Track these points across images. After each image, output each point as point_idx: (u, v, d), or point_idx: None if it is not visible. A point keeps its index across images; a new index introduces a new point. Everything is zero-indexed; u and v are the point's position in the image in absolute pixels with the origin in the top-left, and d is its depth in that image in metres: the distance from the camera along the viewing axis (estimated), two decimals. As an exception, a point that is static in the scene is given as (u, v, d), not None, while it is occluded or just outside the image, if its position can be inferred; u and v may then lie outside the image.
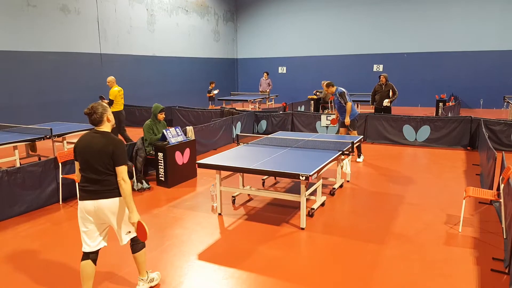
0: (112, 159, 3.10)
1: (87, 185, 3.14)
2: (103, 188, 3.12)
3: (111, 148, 3.10)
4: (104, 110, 3.23)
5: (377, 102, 10.39)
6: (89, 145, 3.15)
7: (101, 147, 3.10)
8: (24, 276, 3.82)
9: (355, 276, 3.73)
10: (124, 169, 3.12)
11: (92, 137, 3.19)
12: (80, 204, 3.17)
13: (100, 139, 3.15)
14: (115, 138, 3.19)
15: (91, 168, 3.12)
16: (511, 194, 4.06)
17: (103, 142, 3.12)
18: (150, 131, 6.75)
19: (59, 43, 12.33)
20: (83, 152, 3.16)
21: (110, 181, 3.13)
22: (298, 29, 19.88)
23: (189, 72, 18.19)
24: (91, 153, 3.12)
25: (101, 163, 3.10)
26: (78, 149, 3.21)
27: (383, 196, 6.03)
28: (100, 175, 3.11)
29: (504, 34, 16.00)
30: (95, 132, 3.23)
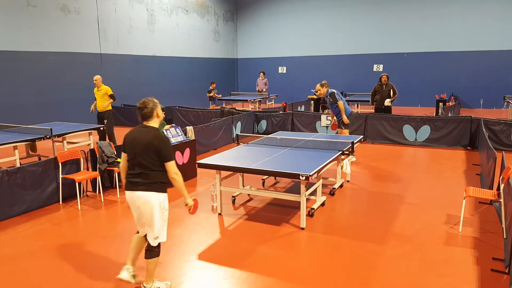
0: (159, 156, 3.24)
1: (130, 176, 3.31)
2: (144, 181, 3.26)
3: (156, 144, 3.22)
4: (155, 106, 3.35)
5: (377, 102, 10.38)
6: (137, 139, 3.28)
7: (147, 142, 3.22)
8: (24, 276, 3.82)
9: (355, 276, 3.73)
10: (172, 164, 3.28)
11: (140, 132, 3.31)
12: (125, 193, 3.36)
13: (147, 134, 3.27)
14: (161, 135, 3.30)
15: (136, 161, 3.27)
16: (511, 194, 4.06)
17: (149, 138, 3.24)
18: None
19: (59, 43, 12.33)
20: (131, 145, 3.30)
21: (151, 175, 3.26)
22: (298, 29, 19.88)
23: (189, 72, 18.18)
24: (138, 147, 3.25)
25: (146, 157, 3.23)
26: (126, 141, 3.36)
27: (383, 196, 6.03)
28: (143, 169, 3.25)
29: (504, 34, 16.00)
30: (143, 126, 3.34)
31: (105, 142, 6.44)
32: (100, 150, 6.28)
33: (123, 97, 14.68)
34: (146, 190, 3.26)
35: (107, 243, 4.51)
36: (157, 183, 3.28)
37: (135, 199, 3.30)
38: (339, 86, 18.35)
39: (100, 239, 4.63)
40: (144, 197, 3.26)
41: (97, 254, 4.26)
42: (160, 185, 3.31)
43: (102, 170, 6.27)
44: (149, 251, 3.40)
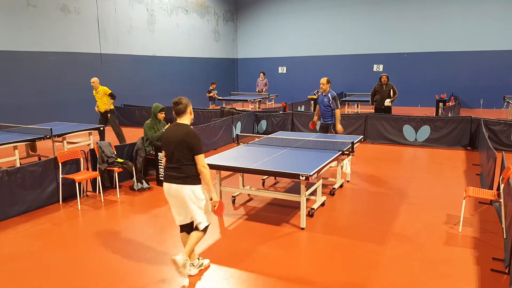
0: (191, 151, 3.53)
1: (168, 170, 3.64)
2: (179, 175, 3.57)
3: (188, 140, 3.52)
4: (188, 103, 3.68)
5: (377, 102, 10.38)
6: (172, 137, 3.59)
7: (181, 139, 3.53)
8: (24, 276, 3.82)
9: (355, 276, 3.73)
10: (202, 157, 3.56)
11: (174, 130, 3.63)
12: (163, 184, 3.68)
13: (180, 131, 3.57)
14: (192, 131, 3.58)
15: (172, 156, 3.59)
16: (511, 194, 4.06)
17: (182, 135, 3.54)
18: (152, 129, 6.74)
19: (59, 43, 12.33)
20: (167, 142, 3.63)
21: (184, 169, 3.56)
22: (298, 29, 19.88)
23: (189, 72, 18.18)
24: (173, 144, 3.57)
25: (179, 153, 3.54)
26: (163, 140, 3.70)
27: (383, 196, 6.03)
28: (177, 163, 3.57)
29: (504, 34, 16.00)
30: (176, 124, 3.66)
31: (105, 142, 6.44)
32: (100, 150, 6.29)
33: (123, 97, 14.67)
34: (181, 183, 3.55)
35: (108, 243, 4.51)
36: (190, 176, 3.57)
37: (171, 190, 3.62)
38: (339, 86, 18.38)
39: (100, 239, 4.63)
40: (179, 190, 3.57)
41: (97, 254, 4.26)
42: (193, 178, 3.58)
43: (102, 170, 6.27)
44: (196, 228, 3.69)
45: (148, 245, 4.44)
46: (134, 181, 6.47)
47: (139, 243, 4.50)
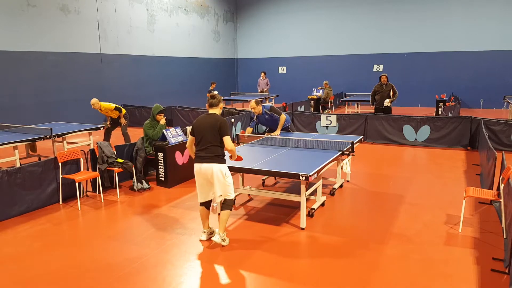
0: (220, 133, 4.20)
1: (198, 152, 4.30)
2: (208, 155, 4.22)
3: (218, 124, 4.22)
4: (221, 100, 4.52)
5: (377, 102, 10.39)
6: (203, 123, 4.28)
7: (212, 123, 4.23)
8: (24, 276, 3.82)
9: (355, 276, 3.73)
10: (229, 138, 4.24)
11: (206, 117, 4.33)
12: (195, 165, 4.32)
13: (212, 118, 4.29)
14: (222, 118, 4.31)
15: (202, 139, 4.25)
16: (511, 194, 4.06)
17: (213, 120, 4.25)
18: (151, 129, 6.73)
19: (59, 43, 12.33)
20: (199, 127, 4.29)
21: (212, 150, 4.22)
22: (298, 29, 19.88)
23: (189, 72, 18.18)
24: (204, 128, 4.25)
25: (210, 136, 4.22)
26: (195, 126, 4.34)
27: (383, 196, 6.03)
28: (207, 145, 4.23)
29: (505, 34, 16.00)
30: (208, 114, 4.37)
31: (105, 142, 6.44)
32: (100, 150, 6.29)
33: (123, 97, 14.68)
34: (210, 162, 4.21)
35: (108, 243, 4.51)
36: (217, 156, 4.23)
37: (202, 170, 4.25)
38: (339, 86, 18.39)
39: (100, 239, 4.63)
40: (208, 169, 4.21)
41: (97, 254, 4.26)
42: (220, 157, 4.24)
43: (102, 170, 6.27)
44: (224, 204, 4.35)
45: (148, 245, 4.44)
46: (134, 181, 6.47)
47: (139, 243, 4.50)
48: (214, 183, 4.25)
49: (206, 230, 4.58)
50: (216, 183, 4.24)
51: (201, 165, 4.26)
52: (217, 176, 4.21)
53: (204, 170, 4.23)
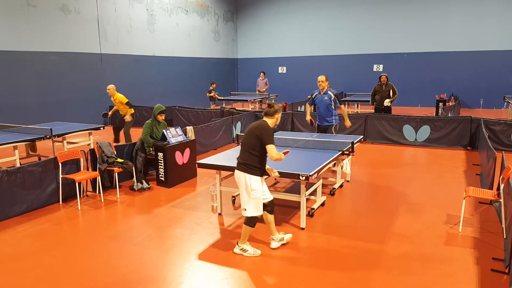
0: (260, 140, 3.93)
1: (238, 158, 4.12)
2: (242, 161, 4.04)
3: (258, 131, 3.96)
4: (279, 110, 4.18)
5: (377, 102, 10.39)
6: (250, 128, 4.10)
7: (254, 129, 4.02)
8: (24, 276, 3.82)
9: (355, 276, 3.73)
10: (272, 147, 3.91)
11: (254, 123, 4.11)
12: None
13: (257, 123, 4.06)
14: (266, 124, 4.03)
15: (243, 144, 4.09)
16: (511, 194, 4.06)
17: (256, 125, 4.04)
18: (148, 130, 6.74)
19: (59, 43, 12.33)
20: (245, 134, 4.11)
21: (247, 157, 4.00)
22: (298, 29, 19.87)
23: (189, 72, 18.18)
24: (248, 133, 4.07)
25: (250, 140, 3.99)
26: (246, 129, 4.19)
27: (383, 196, 6.03)
28: (246, 149, 4.02)
29: (504, 34, 16.00)
30: (259, 120, 4.13)
31: (105, 142, 6.44)
32: (100, 150, 6.29)
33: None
34: (242, 171, 4.01)
35: (108, 243, 4.51)
36: (250, 165, 3.97)
37: (235, 177, 4.15)
38: (339, 86, 18.37)
39: (100, 239, 4.63)
40: (238, 175, 4.06)
41: (97, 254, 4.26)
42: (252, 168, 3.97)
43: (102, 170, 6.27)
44: (268, 207, 4.17)
45: (148, 245, 4.44)
46: (134, 181, 6.47)
47: (139, 243, 4.50)
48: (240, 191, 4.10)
49: (275, 237, 4.29)
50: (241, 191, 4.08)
51: (235, 172, 4.13)
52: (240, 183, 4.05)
53: (237, 177, 4.10)
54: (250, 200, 3.99)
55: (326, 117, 7.17)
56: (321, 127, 7.33)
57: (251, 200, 3.99)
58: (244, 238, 4.16)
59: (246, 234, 4.13)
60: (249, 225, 4.09)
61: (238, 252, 4.16)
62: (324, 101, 7.08)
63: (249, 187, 3.96)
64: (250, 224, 4.09)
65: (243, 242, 4.18)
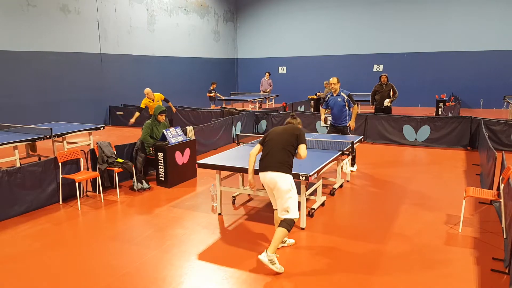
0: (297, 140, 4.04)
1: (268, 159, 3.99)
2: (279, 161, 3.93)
3: (298, 132, 4.10)
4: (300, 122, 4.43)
5: (377, 102, 10.39)
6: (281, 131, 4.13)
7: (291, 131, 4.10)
8: (24, 276, 3.82)
9: (355, 276, 3.73)
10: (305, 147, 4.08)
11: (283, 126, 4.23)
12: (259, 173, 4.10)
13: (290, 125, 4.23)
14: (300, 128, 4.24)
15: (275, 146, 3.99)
16: (511, 194, 4.06)
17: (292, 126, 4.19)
18: (148, 131, 6.75)
19: (59, 43, 12.33)
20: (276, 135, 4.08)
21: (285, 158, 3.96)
22: (298, 29, 19.88)
23: (189, 72, 18.19)
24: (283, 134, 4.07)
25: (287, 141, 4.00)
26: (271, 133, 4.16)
27: (383, 196, 6.03)
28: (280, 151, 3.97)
29: (504, 34, 16.00)
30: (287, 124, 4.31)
31: (105, 142, 6.44)
32: (100, 150, 6.29)
33: (123, 97, 14.70)
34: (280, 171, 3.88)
35: (108, 243, 4.51)
36: (290, 165, 3.94)
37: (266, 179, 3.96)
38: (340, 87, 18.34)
39: (100, 239, 4.63)
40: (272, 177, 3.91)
41: (97, 254, 4.26)
42: (290, 167, 3.95)
43: (102, 170, 6.27)
44: (284, 221, 3.84)
45: (148, 245, 4.44)
46: (134, 181, 6.47)
47: (139, 243, 4.50)
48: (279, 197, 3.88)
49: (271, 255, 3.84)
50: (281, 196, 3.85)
51: (266, 173, 3.93)
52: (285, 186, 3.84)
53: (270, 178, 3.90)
54: (292, 201, 3.82)
55: (341, 118, 7.24)
56: (335, 127, 7.35)
57: (293, 201, 3.82)
58: (276, 246, 3.76)
59: (279, 240, 3.75)
60: (289, 228, 3.78)
61: (264, 261, 3.69)
62: (338, 103, 7.14)
63: (291, 186, 3.85)
64: (289, 228, 3.79)
65: (274, 251, 3.75)
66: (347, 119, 7.25)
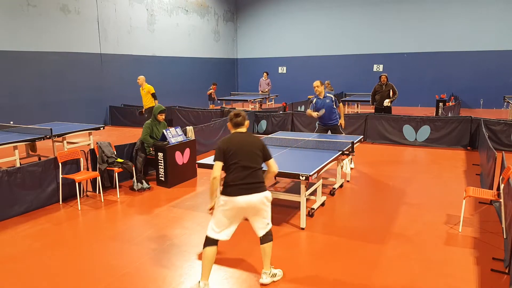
0: (264, 155, 3.55)
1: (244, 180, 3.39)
2: (259, 181, 3.45)
3: (262, 146, 3.53)
4: (246, 115, 3.62)
5: (377, 102, 10.39)
6: (246, 145, 3.47)
7: (256, 145, 3.50)
8: (24, 276, 3.82)
9: (355, 276, 3.73)
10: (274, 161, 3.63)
11: (243, 138, 3.52)
12: (231, 200, 3.37)
13: (251, 138, 3.55)
14: (258, 138, 3.59)
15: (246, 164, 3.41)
16: (511, 194, 4.06)
17: (255, 140, 3.54)
18: (148, 131, 6.75)
19: (59, 43, 12.33)
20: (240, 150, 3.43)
21: (260, 175, 3.49)
22: (298, 29, 19.88)
23: (189, 72, 18.19)
24: (247, 151, 3.45)
25: (256, 159, 3.47)
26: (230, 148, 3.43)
27: (383, 196, 6.03)
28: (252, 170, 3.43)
29: (504, 34, 16.00)
30: (241, 133, 3.56)
31: (105, 142, 6.44)
32: (100, 150, 6.29)
33: (123, 97, 14.69)
34: (261, 191, 3.43)
35: (108, 243, 4.51)
36: (263, 182, 3.51)
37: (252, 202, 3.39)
38: (339, 86, 18.37)
39: (100, 239, 4.63)
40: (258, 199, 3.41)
41: (97, 254, 4.26)
42: (264, 184, 3.52)
43: (102, 170, 6.27)
44: (263, 237, 3.54)
45: (148, 245, 4.44)
46: (134, 181, 6.47)
47: (139, 243, 4.50)
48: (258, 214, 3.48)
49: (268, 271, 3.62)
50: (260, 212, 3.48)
51: (250, 197, 3.37)
52: (264, 204, 3.46)
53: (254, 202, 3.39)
54: (270, 212, 3.58)
55: (331, 117, 7.36)
56: (325, 127, 7.44)
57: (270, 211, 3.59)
58: (269, 260, 3.61)
59: (270, 254, 3.59)
60: (271, 240, 3.58)
61: (268, 282, 3.57)
62: (327, 104, 7.24)
63: (269, 201, 3.52)
64: (271, 239, 3.59)
65: (269, 266, 3.62)
66: (336, 117, 7.42)
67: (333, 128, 7.45)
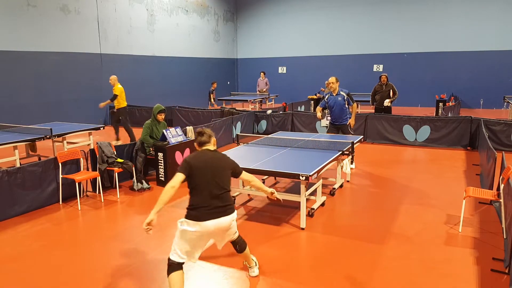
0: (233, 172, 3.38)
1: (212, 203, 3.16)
2: (226, 204, 3.23)
3: (230, 165, 3.37)
4: (212, 134, 3.42)
5: (377, 102, 10.39)
6: (210, 164, 3.23)
7: (223, 164, 3.31)
8: (24, 276, 3.82)
9: (355, 276, 3.73)
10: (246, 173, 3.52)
11: (208, 156, 3.28)
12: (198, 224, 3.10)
13: (217, 155, 3.35)
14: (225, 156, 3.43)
15: (214, 185, 3.19)
16: (511, 194, 4.06)
17: (221, 157, 3.36)
18: (148, 131, 6.75)
19: (59, 43, 12.33)
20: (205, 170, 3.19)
21: (229, 197, 3.31)
22: (298, 29, 19.88)
23: (189, 72, 18.19)
24: (214, 170, 3.22)
25: (225, 179, 3.27)
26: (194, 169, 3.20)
27: (383, 196, 6.03)
28: (221, 191, 3.22)
29: (504, 34, 16.00)
30: (207, 150, 3.33)
31: (105, 142, 6.44)
32: (100, 150, 6.29)
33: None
34: (230, 214, 3.24)
35: (108, 243, 4.51)
36: (232, 203, 3.33)
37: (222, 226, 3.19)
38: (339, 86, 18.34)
39: (100, 239, 4.63)
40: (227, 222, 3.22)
41: (97, 254, 4.26)
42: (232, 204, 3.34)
43: (102, 170, 6.27)
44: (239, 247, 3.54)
45: (148, 246, 4.44)
46: (134, 181, 6.47)
47: (139, 243, 4.50)
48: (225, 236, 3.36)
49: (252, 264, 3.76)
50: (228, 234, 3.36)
51: (219, 221, 3.14)
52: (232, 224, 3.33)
53: (224, 225, 3.20)
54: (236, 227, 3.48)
55: (341, 116, 7.33)
56: (335, 126, 7.43)
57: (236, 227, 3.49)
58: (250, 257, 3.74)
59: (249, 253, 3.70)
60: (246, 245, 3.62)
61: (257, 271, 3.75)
62: (339, 102, 7.22)
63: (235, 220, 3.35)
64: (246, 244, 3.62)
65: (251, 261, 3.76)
66: (348, 117, 7.37)
67: (341, 128, 7.41)
